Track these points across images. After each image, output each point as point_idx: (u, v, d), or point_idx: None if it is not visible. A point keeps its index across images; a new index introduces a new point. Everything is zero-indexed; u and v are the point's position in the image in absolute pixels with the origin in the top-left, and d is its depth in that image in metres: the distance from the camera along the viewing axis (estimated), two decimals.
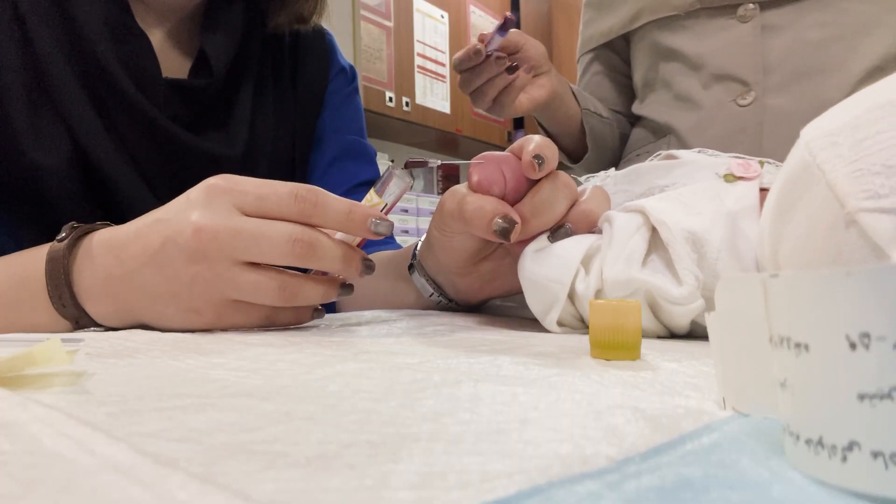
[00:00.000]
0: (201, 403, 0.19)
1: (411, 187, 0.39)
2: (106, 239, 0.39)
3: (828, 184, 0.26)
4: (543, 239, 0.41)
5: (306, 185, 0.38)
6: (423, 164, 0.39)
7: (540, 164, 0.39)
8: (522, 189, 0.41)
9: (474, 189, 0.41)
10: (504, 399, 0.19)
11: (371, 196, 0.40)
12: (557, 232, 0.41)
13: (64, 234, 0.40)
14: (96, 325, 0.40)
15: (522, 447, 0.14)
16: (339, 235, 0.40)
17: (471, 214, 0.40)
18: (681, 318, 0.36)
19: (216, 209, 0.37)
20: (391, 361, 0.27)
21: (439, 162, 0.42)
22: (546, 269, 0.39)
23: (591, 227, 0.42)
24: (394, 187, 0.40)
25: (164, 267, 0.37)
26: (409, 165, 0.39)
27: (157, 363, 0.26)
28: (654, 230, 0.38)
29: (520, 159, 0.40)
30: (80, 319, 0.40)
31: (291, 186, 0.38)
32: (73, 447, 0.14)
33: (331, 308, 0.61)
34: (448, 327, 0.41)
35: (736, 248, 0.36)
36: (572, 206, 0.42)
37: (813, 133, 0.28)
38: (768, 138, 0.78)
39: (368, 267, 0.40)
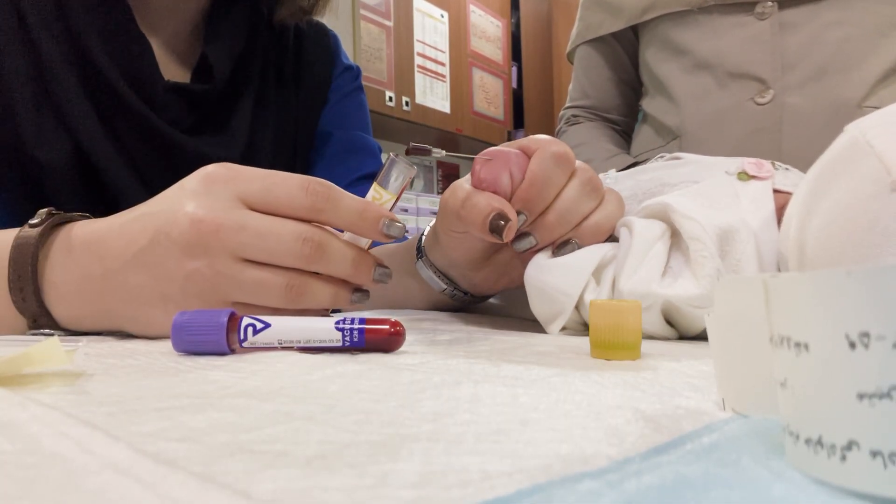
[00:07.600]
0: (201, 403, 0.19)
1: (413, 177, 0.36)
2: (86, 233, 0.35)
3: (877, 155, 0.26)
4: (548, 252, 0.39)
5: (317, 178, 0.35)
6: (426, 150, 0.38)
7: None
8: None
9: (475, 186, 0.38)
10: (504, 399, 0.19)
11: (378, 191, 0.36)
12: (563, 247, 0.39)
13: (38, 221, 0.35)
14: (56, 328, 0.35)
15: (522, 447, 0.14)
16: (346, 236, 0.36)
17: (467, 212, 0.37)
18: (702, 320, 0.35)
19: (217, 199, 0.33)
20: (391, 362, 0.27)
21: (443, 152, 0.40)
22: (555, 279, 0.37)
23: (601, 240, 0.39)
24: (397, 175, 0.36)
25: (153, 265, 0.33)
26: (411, 151, 0.37)
27: (157, 364, 0.26)
28: (672, 237, 0.36)
29: (528, 157, 0.38)
30: (38, 319, 0.35)
31: (301, 178, 0.34)
32: (72, 447, 0.14)
33: (332, 309, 0.61)
34: (448, 327, 0.41)
35: (756, 246, 0.36)
36: (591, 213, 0.39)
37: (864, 120, 0.28)
38: (788, 137, 0.77)
39: (384, 274, 0.37)
